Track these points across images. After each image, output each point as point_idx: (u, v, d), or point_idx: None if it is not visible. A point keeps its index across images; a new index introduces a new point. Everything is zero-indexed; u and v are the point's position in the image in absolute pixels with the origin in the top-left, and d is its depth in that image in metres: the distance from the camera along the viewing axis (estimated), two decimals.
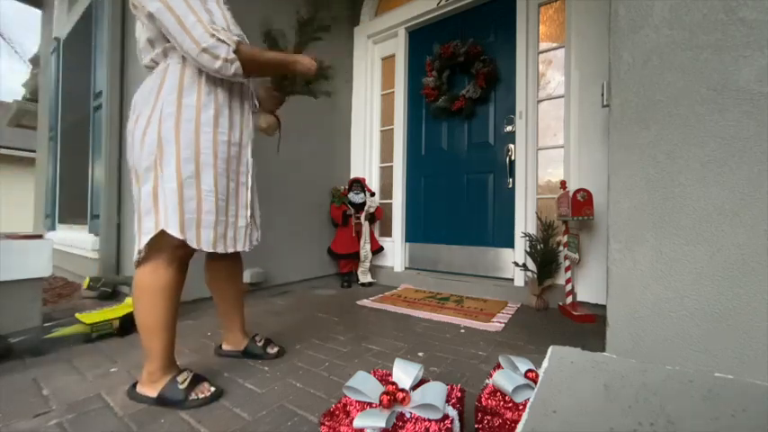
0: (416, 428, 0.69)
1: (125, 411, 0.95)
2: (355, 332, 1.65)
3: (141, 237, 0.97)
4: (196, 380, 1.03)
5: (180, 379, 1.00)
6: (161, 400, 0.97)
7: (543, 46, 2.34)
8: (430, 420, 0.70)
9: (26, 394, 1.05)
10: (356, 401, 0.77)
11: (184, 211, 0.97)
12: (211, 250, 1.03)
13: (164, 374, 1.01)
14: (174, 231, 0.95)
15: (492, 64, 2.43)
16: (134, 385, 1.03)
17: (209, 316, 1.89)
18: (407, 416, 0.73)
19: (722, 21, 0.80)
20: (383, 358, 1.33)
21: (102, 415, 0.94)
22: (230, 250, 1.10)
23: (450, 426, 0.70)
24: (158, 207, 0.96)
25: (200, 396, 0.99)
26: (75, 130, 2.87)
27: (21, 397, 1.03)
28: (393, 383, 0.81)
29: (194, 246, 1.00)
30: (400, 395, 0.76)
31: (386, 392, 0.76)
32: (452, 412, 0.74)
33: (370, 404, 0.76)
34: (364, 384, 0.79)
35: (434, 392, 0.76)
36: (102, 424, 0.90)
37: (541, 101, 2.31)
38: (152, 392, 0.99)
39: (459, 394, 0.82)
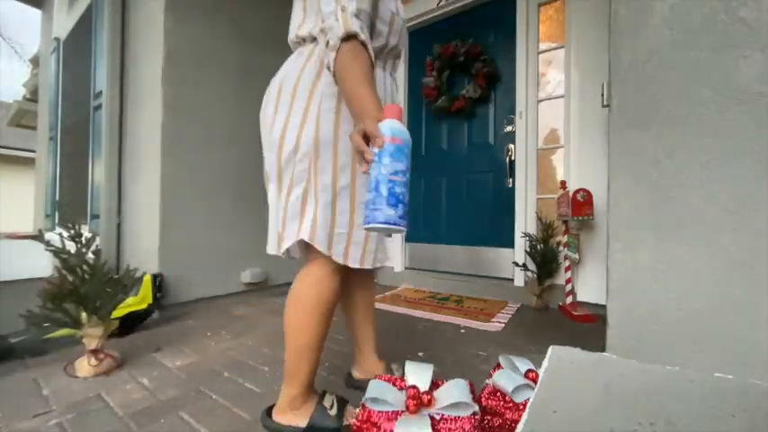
0: (452, 428, 0.68)
1: (125, 411, 0.95)
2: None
3: (283, 242, 0.85)
4: (342, 403, 0.90)
5: (327, 404, 0.88)
6: (312, 431, 0.85)
7: (543, 46, 2.33)
8: (463, 418, 0.70)
9: (26, 394, 1.05)
10: (382, 412, 0.74)
11: (336, 224, 0.83)
12: (357, 266, 0.87)
13: (306, 401, 0.89)
14: (323, 246, 0.82)
15: (492, 64, 2.43)
16: (268, 413, 0.90)
17: (209, 316, 1.89)
18: (436, 418, 0.72)
19: (722, 21, 0.80)
20: (383, 358, 1.33)
21: (102, 415, 0.94)
22: (377, 265, 0.94)
23: (478, 418, 0.70)
24: (305, 215, 0.83)
25: (353, 421, 0.79)
26: (75, 130, 2.87)
27: (21, 397, 1.03)
28: (413, 387, 0.79)
29: (341, 262, 0.85)
30: (426, 398, 0.75)
31: (411, 397, 0.74)
32: (475, 406, 0.74)
33: (396, 413, 0.73)
34: (386, 393, 0.76)
35: (460, 390, 0.75)
36: (102, 424, 0.90)
37: (541, 101, 2.31)
38: (299, 422, 0.86)
39: (473, 389, 0.82)
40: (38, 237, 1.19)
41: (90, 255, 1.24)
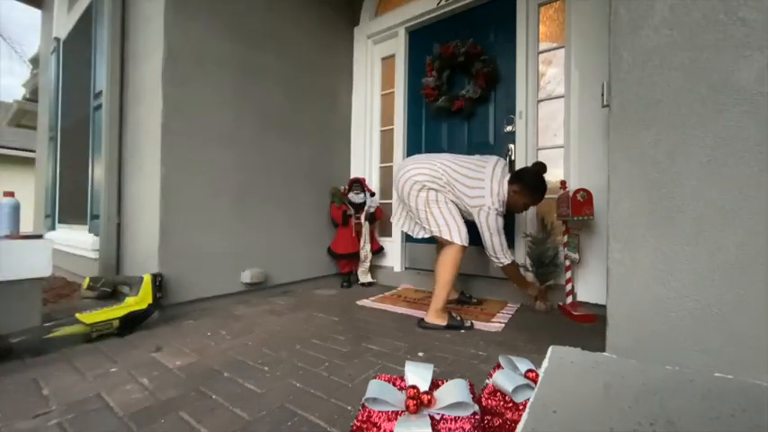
0: (452, 428, 0.68)
1: (125, 411, 0.95)
2: (355, 332, 1.64)
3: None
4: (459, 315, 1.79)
5: (454, 314, 1.77)
6: (449, 327, 1.69)
7: (543, 46, 2.33)
8: (463, 418, 0.70)
9: (26, 394, 1.05)
10: (382, 412, 0.74)
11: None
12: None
13: (444, 312, 1.74)
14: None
15: (492, 64, 2.43)
16: (420, 321, 1.75)
17: (208, 316, 1.89)
18: (436, 418, 0.72)
19: (722, 21, 0.80)
20: (383, 358, 1.33)
21: (102, 415, 0.94)
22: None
23: (478, 418, 0.70)
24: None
25: (466, 324, 1.72)
26: (75, 130, 2.87)
27: (21, 397, 1.03)
28: (413, 387, 0.79)
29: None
30: (425, 398, 0.75)
31: (411, 398, 0.74)
32: (475, 406, 0.74)
33: (396, 413, 0.73)
34: (386, 393, 0.77)
35: (460, 390, 0.75)
36: (102, 424, 0.90)
37: (541, 101, 2.31)
38: (441, 322, 1.70)
39: (472, 389, 0.82)
40: (38, 237, 1.19)
41: None
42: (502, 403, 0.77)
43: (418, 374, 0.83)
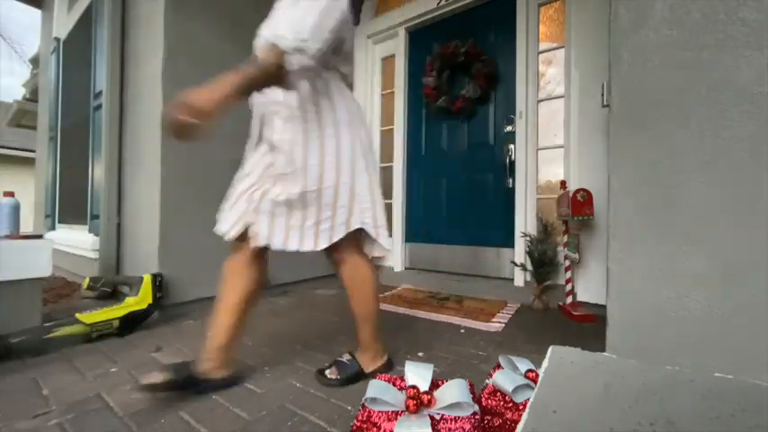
0: (452, 428, 0.68)
1: (125, 411, 0.95)
2: (355, 332, 1.64)
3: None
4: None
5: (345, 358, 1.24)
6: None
7: (543, 46, 2.33)
8: (463, 418, 0.70)
9: (26, 394, 1.05)
10: (382, 412, 0.74)
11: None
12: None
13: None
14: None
15: (492, 64, 2.43)
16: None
17: (209, 316, 1.88)
18: (436, 418, 0.72)
19: (722, 21, 0.80)
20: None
21: (102, 415, 0.94)
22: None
23: (479, 418, 0.70)
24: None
25: (332, 377, 1.15)
26: (75, 130, 2.87)
27: (21, 397, 1.03)
28: (413, 387, 0.79)
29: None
30: (426, 398, 0.75)
31: (411, 398, 0.74)
32: (475, 406, 0.74)
33: (396, 413, 0.74)
34: (386, 393, 0.77)
35: (460, 390, 0.75)
36: (102, 424, 0.90)
37: (541, 101, 2.31)
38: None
39: (472, 389, 0.82)
40: (38, 237, 1.19)
41: None
42: (502, 403, 0.77)
43: (418, 374, 0.83)
